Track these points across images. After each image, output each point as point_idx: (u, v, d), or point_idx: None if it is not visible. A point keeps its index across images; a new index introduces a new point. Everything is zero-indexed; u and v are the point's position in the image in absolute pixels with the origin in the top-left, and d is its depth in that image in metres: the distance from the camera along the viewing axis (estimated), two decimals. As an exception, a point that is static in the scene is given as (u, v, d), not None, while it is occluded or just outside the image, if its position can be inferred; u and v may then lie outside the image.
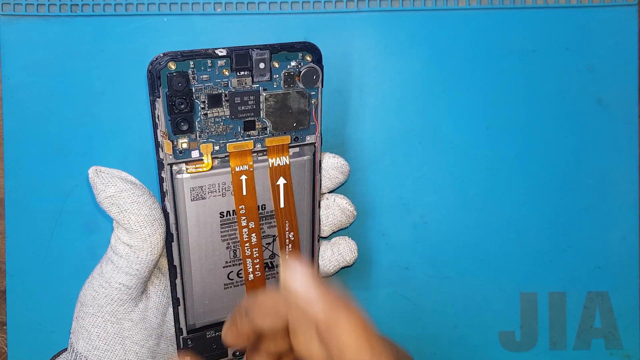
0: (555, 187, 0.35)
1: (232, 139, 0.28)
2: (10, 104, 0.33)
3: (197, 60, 0.26)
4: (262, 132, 0.28)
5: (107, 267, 0.27)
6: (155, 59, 0.26)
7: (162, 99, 0.26)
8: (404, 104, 0.34)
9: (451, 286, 0.35)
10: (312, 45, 0.28)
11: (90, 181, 0.27)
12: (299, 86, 0.28)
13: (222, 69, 0.27)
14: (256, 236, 0.30)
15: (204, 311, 0.30)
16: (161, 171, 0.27)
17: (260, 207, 0.29)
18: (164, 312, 0.29)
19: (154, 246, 0.27)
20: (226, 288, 0.30)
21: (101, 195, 0.26)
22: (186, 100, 0.26)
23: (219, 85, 0.27)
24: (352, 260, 0.32)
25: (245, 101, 0.27)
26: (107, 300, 0.27)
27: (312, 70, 0.28)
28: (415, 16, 0.34)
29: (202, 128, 0.27)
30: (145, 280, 0.28)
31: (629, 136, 0.35)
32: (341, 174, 0.31)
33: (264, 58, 0.27)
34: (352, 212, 0.32)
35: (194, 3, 0.33)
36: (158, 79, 0.26)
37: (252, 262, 0.30)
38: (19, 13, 0.33)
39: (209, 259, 0.29)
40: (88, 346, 0.27)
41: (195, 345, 0.30)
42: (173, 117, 0.26)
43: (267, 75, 0.27)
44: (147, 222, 0.26)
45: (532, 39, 0.34)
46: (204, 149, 0.27)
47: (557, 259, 0.35)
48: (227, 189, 0.28)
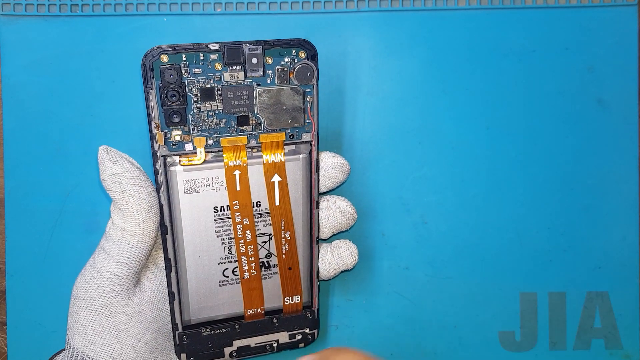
0: (555, 187, 0.35)
1: (226, 134, 0.28)
2: (10, 104, 0.33)
3: (189, 53, 0.27)
4: (256, 128, 0.28)
5: (99, 256, 0.27)
6: (149, 52, 0.26)
7: (154, 91, 0.27)
8: (404, 104, 0.34)
9: (451, 286, 0.35)
10: (306, 42, 0.28)
11: (99, 158, 0.27)
12: (293, 83, 0.28)
13: (215, 63, 0.27)
14: (251, 233, 0.30)
15: (199, 307, 0.30)
16: (155, 163, 0.28)
17: (255, 203, 0.29)
18: (160, 307, 0.29)
19: (146, 233, 0.27)
20: (221, 285, 0.30)
21: (106, 172, 0.27)
22: (178, 93, 0.27)
23: (212, 79, 0.27)
24: (352, 265, 0.32)
25: (239, 96, 0.28)
26: (99, 292, 0.27)
27: (306, 67, 0.28)
28: (415, 16, 0.34)
29: (195, 121, 0.27)
30: (137, 272, 0.28)
31: (629, 136, 0.35)
32: (341, 173, 0.31)
33: (257, 53, 0.27)
34: (353, 214, 0.32)
35: (194, 3, 0.33)
36: (151, 70, 0.26)
37: (247, 259, 0.30)
38: (19, 13, 0.33)
39: (203, 254, 0.29)
40: (84, 341, 0.27)
41: (191, 342, 0.30)
42: (165, 109, 0.27)
43: (260, 70, 0.27)
44: (144, 207, 0.27)
45: (532, 39, 0.34)
46: (197, 142, 0.28)
47: (557, 259, 0.35)
48: (220, 184, 0.29)
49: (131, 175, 0.27)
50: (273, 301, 0.31)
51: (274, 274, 0.31)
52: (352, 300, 0.35)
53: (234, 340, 0.31)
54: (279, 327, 0.32)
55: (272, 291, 0.31)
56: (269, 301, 0.31)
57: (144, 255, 0.28)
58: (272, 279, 0.31)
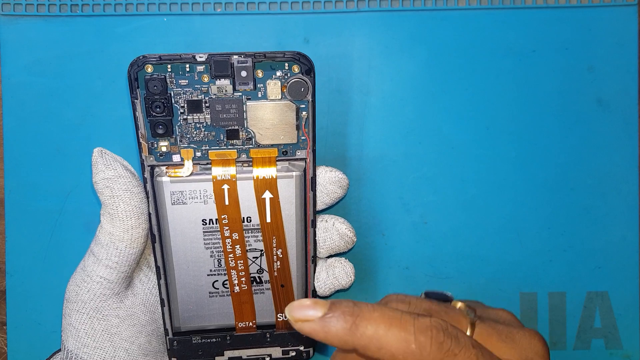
0: (555, 187, 0.35)
1: (215, 147, 0.27)
2: (10, 104, 0.33)
3: (175, 64, 0.26)
4: (247, 142, 0.27)
5: (89, 260, 0.27)
6: (134, 61, 0.26)
7: (140, 101, 0.26)
8: (404, 104, 0.34)
9: (451, 286, 0.35)
10: (301, 55, 0.26)
11: (93, 160, 0.27)
12: (286, 98, 0.27)
13: (202, 75, 0.26)
14: (240, 248, 0.29)
15: (189, 316, 0.30)
16: (143, 172, 0.27)
17: (246, 219, 0.28)
18: (153, 310, 0.29)
19: (134, 239, 0.27)
20: (211, 296, 0.30)
21: (99, 176, 0.27)
22: (163, 104, 0.26)
23: (199, 91, 0.26)
24: (348, 285, 0.31)
25: (227, 109, 0.27)
26: (90, 296, 0.27)
27: (299, 82, 0.26)
28: (415, 16, 0.34)
29: (183, 133, 0.27)
30: (127, 276, 0.28)
31: (629, 136, 0.35)
32: (340, 188, 0.30)
33: (246, 66, 0.26)
34: (352, 238, 0.30)
35: (194, 3, 0.33)
36: (135, 80, 0.26)
37: (237, 274, 0.29)
38: (19, 13, 0.33)
39: (191, 265, 0.29)
40: (77, 344, 0.27)
41: (181, 348, 0.30)
42: (151, 120, 0.26)
43: (250, 84, 0.26)
44: (134, 213, 0.27)
45: (532, 39, 0.34)
46: (184, 154, 0.27)
47: (557, 259, 0.35)
48: (209, 197, 0.28)
49: (123, 181, 0.27)
50: (265, 316, 0.31)
51: (266, 289, 0.30)
52: (352, 300, 0.35)
53: (225, 350, 0.31)
54: (271, 342, 0.31)
55: (265, 306, 0.30)
56: (262, 316, 0.31)
57: (133, 260, 0.27)
58: (264, 294, 0.30)
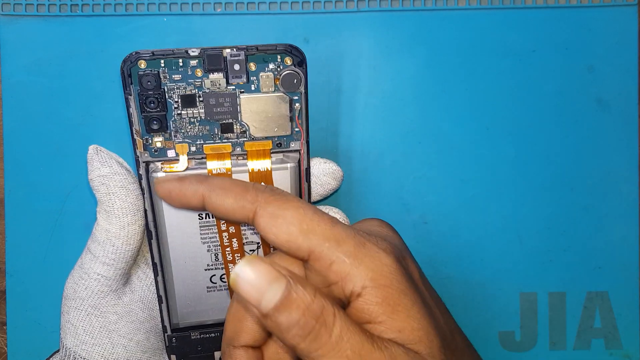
0: (555, 187, 0.35)
1: (209, 141, 0.27)
2: (10, 104, 0.33)
3: (168, 59, 0.26)
4: (241, 136, 0.28)
5: (86, 257, 0.27)
6: (127, 57, 0.26)
7: (133, 97, 0.26)
8: (403, 104, 0.34)
9: (451, 286, 0.35)
10: (293, 48, 0.26)
11: (88, 157, 0.27)
12: (280, 90, 0.27)
13: (195, 69, 0.26)
14: (237, 241, 0.29)
15: (187, 312, 0.30)
16: (138, 168, 0.27)
17: None
18: (151, 307, 0.29)
19: (130, 236, 0.27)
20: (209, 291, 0.30)
21: (94, 173, 0.27)
22: (157, 99, 0.26)
23: (192, 86, 0.26)
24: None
25: (221, 103, 0.27)
26: (88, 293, 0.27)
27: (292, 74, 0.27)
28: (415, 16, 0.34)
29: (177, 128, 0.27)
30: (124, 273, 0.28)
31: (629, 136, 0.35)
32: (334, 179, 0.30)
33: (239, 59, 0.26)
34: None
35: (194, 3, 0.33)
36: (129, 76, 0.26)
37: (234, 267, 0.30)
38: (19, 13, 0.33)
39: (189, 260, 0.29)
40: (76, 341, 0.27)
41: (180, 344, 0.30)
42: (145, 116, 0.26)
43: (243, 77, 0.26)
44: (130, 210, 0.27)
45: (532, 39, 0.34)
46: (179, 149, 0.27)
47: (557, 259, 0.35)
48: None
49: (119, 178, 0.27)
50: None
51: None
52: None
53: None
54: None
55: None
56: None
57: (130, 256, 0.27)
58: None
